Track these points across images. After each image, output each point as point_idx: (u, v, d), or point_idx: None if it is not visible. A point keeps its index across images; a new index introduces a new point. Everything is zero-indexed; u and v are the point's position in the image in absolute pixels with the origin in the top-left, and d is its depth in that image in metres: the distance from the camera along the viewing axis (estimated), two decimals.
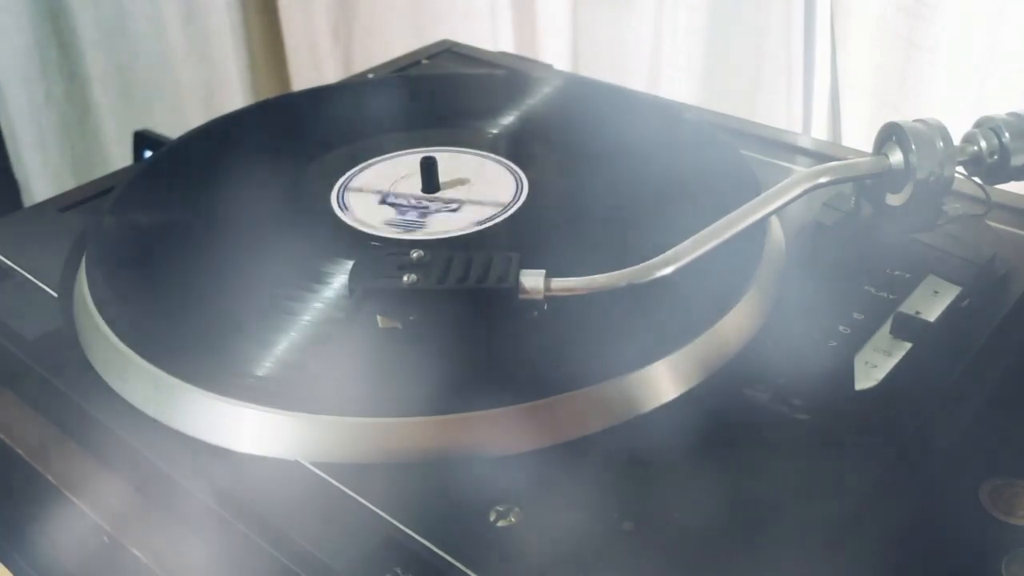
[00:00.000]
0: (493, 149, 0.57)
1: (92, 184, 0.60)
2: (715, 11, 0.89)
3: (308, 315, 0.43)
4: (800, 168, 0.58)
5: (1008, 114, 0.47)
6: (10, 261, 0.51)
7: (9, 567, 0.45)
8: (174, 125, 1.12)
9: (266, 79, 1.34)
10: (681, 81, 0.93)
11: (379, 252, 0.45)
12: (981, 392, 0.43)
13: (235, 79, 1.29)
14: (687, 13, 0.90)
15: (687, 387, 0.41)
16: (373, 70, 0.74)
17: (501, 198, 0.52)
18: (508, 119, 0.61)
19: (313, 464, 0.38)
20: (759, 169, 0.54)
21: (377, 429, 0.39)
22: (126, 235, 0.51)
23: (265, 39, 1.32)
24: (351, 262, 0.42)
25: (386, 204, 0.52)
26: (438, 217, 0.50)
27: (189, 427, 0.40)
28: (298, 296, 0.44)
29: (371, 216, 0.50)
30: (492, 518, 0.36)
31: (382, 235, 0.49)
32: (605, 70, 0.99)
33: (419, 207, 0.51)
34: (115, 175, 0.61)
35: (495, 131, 0.59)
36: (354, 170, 0.55)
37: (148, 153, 1.06)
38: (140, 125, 1.13)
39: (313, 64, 1.27)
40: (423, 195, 0.52)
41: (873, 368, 0.42)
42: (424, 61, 0.75)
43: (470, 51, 0.77)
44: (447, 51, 0.77)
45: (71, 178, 1.26)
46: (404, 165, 0.55)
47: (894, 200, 0.48)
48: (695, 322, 0.43)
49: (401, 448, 0.39)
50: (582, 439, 0.39)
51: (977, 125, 0.48)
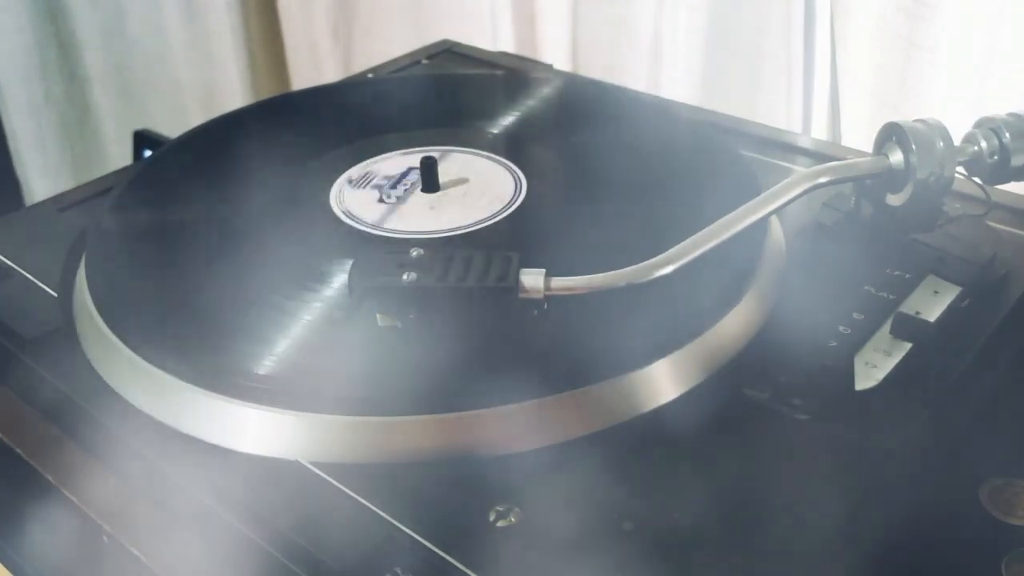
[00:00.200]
0: (493, 149, 0.57)
1: (92, 184, 0.60)
2: (715, 11, 0.89)
3: (308, 314, 0.43)
4: (800, 168, 0.58)
5: (1008, 114, 0.47)
6: (10, 261, 0.51)
7: (8, 567, 0.45)
8: (174, 125, 1.11)
9: (266, 79, 1.34)
10: (681, 81, 0.93)
11: (379, 251, 0.45)
12: (981, 392, 0.43)
13: (235, 79, 1.29)
14: (687, 13, 0.90)
15: (687, 387, 0.41)
16: (373, 70, 0.74)
17: (501, 197, 0.52)
18: (508, 119, 0.61)
19: (313, 464, 0.38)
20: (759, 169, 0.54)
21: (377, 429, 0.39)
22: (126, 235, 0.51)
23: (265, 39, 1.32)
24: (350, 261, 0.42)
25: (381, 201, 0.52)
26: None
27: (189, 427, 0.40)
28: (298, 295, 0.44)
29: (372, 215, 0.50)
30: (492, 518, 0.36)
31: (382, 234, 0.49)
32: (605, 70, 0.99)
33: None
34: (115, 175, 0.61)
35: (495, 131, 0.59)
36: (353, 169, 0.55)
37: (148, 153, 1.06)
38: (140, 125, 1.13)
39: (313, 64, 1.27)
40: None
41: (873, 368, 0.42)
42: (424, 61, 0.75)
43: (470, 51, 0.77)
44: (447, 51, 0.77)
45: (71, 178, 1.26)
46: (404, 165, 0.55)
47: (894, 200, 0.48)
48: (695, 322, 0.43)
49: (401, 448, 0.39)
50: (582, 439, 0.39)
51: (977, 125, 0.48)
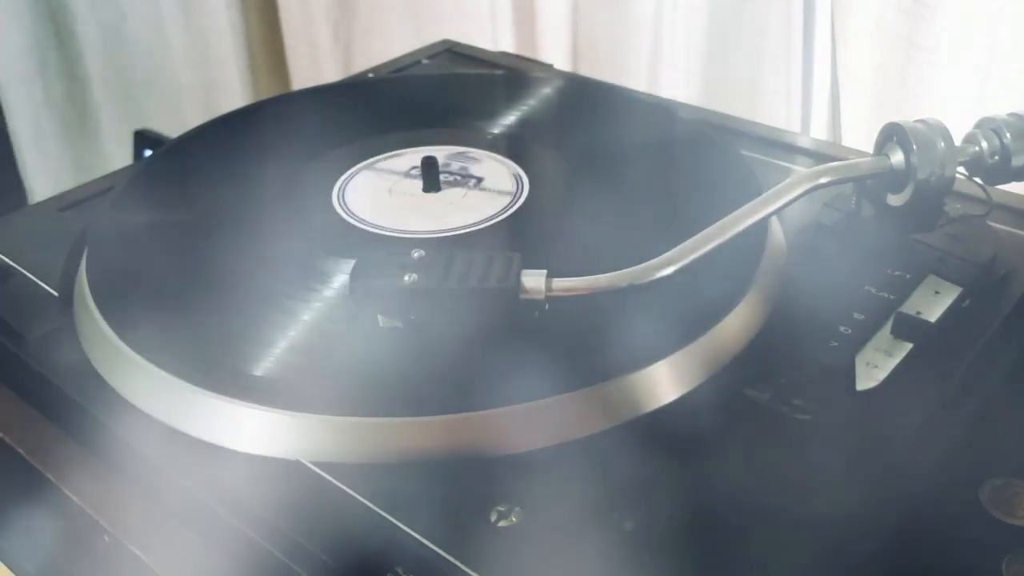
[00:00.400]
0: (493, 149, 0.57)
1: (92, 183, 0.59)
2: (715, 11, 0.89)
3: (309, 314, 0.43)
4: (801, 168, 0.58)
5: (1009, 115, 0.47)
6: (10, 260, 0.51)
7: (9, 566, 0.45)
8: (174, 124, 1.12)
9: (266, 79, 1.34)
10: (681, 81, 0.93)
11: (380, 251, 0.45)
12: (982, 392, 0.43)
13: (235, 78, 1.29)
14: (687, 13, 0.90)
15: (688, 387, 0.41)
16: (373, 70, 0.74)
17: (502, 197, 0.52)
18: (509, 119, 0.61)
19: (314, 463, 0.38)
20: (759, 169, 0.54)
21: (378, 429, 0.39)
22: (126, 234, 0.51)
23: (265, 39, 1.32)
24: (352, 261, 0.42)
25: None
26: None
27: (189, 426, 0.40)
28: (299, 295, 0.44)
29: (372, 215, 0.50)
30: (493, 518, 0.36)
31: (383, 234, 0.49)
32: (605, 70, 0.99)
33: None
34: (115, 174, 0.61)
35: (496, 131, 0.59)
36: (354, 169, 0.55)
37: (148, 152, 1.06)
38: (140, 124, 1.13)
39: (313, 64, 1.27)
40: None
41: (874, 368, 0.42)
42: (424, 61, 0.75)
43: (470, 51, 0.77)
44: (447, 51, 0.77)
45: (71, 177, 1.26)
46: (405, 164, 0.55)
47: (895, 200, 0.48)
48: (696, 322, 0.43)
49: (402, 448, 0.39)
50: (583, 439, 0.39)
51: (978, 126, 0.48)
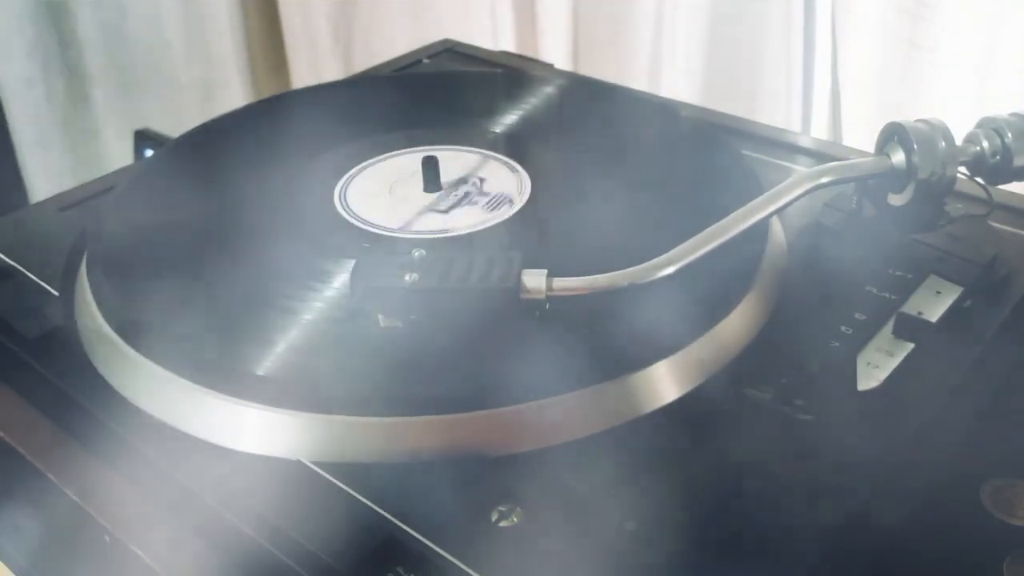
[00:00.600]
0: (495, 148, 0.57)
1: (93, 183, 0.59)
2: (715, 10, 0.89)
3: (310, 314, 0.43)
4: (801, 168, 0.58)
5: (1010, 114, 0.47)
6: (11, 260, 0.51)
7: (10, 566, 0.45)
8: (174, 124, 1.12)
9: (266, 78, 1.34)
10: (681, 81, 0.93)
11: (381, 251, 0.45)
12: (983, 392, 0.43)
13: (235, 78, 1.29)
14: (687, 13, 0.90)
15: (689, 387, 0.41)
16: (374, 69, 0.74)
17: (503, 197, 0.51)
18: (509, 118, 0.61)
19: (315, 463, 0.38)
20: (760, 169, 0.54)
21: (378, 429, 0.39)
22: (127, 234, 0.51)
23: (265, 38, 1.32)
24: (353, 261, 0.42)
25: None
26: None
27: (191, 426, 0.40)
28: (300, 295, 0.44)
29: (374, 215, 0.50)
30: (494, 518, 0.36)
31: (385, 234, 0.49)
32: (605, 69, 0.99)
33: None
34: (116, 174, 0.61)
35: (497, 130, 0.59)
36: (355, 169, 0.55)
37: (148, 152, 1.06)
38: (140, 124, 1.13)
39: (313, 63, 1.27)
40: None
41: (875, 368, 0.42)
42: (425, 60, 0.75)
43: (471, 50, 0.77)
44: (448, 50, 0.77)
45: (71, 177, 1.26)
46: (406, 164, 0.55)
47: (896, 200, 0.48)
48: (697, 322, 0.43)
49: (403, 448, 0.39)
50: (584, 439, 0.39)
51: (979, 125, 0.48)
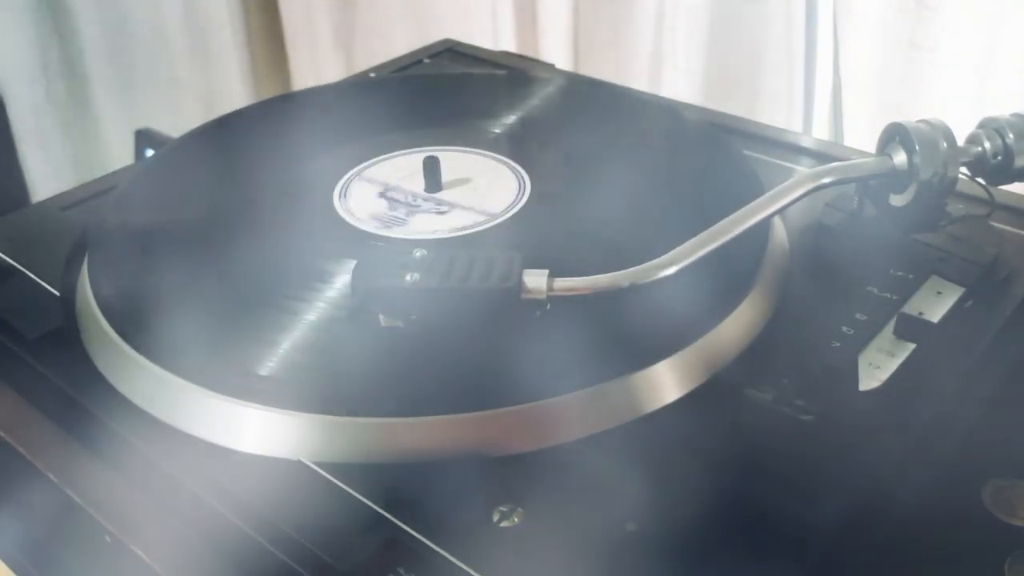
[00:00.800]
0: (495, 148, 0.57)
1: (94, 183, 0.59)
2: (716, 10, 0.89)
3: (311, 314, 0.43)
4: (803, 168, 0.58)
5: (1012, 115, 0.47)
6: (12, 260, 0.51)
7: (11, 566, 0.45)
8: (175, 124, 1.12)
9: (267, 78, 1.34)
10: (682, 81, 0.93)
11: (382, 251, 0.45)
12: (984, 393, 0.43)
13: (236, 78, 1.29)
14: (688, 13, 0.90)
15: (690, 388, 0.41)
16: (374, 69, 0.74)
17: (504, 197, 0.51)
18: (510, 118, 0.61)
19: (315, 464, 0.38)
20: (761, 169, 0.54)
21: (379, 429, 0.39)
22: (128, 234, 0.51)
23: (266, 38, 1.32)
24: (353, 261, 0.42)
25: (384, 198, 0.52)
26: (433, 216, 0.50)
27: (192, 426, 0.40)
28: (300, 295, 0.44)
29: (374, 215, 0.50)
30: (495, 518, 0.36)
31: (384, 234, 0.49)
32: (606, 70, 0.99)
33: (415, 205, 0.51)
34: (116, 174, 0.61)
35: (497, 131, 0.59)
36: (356, 169, 0.55)
37: (149, 152, 1.06)
38: (141, 124, 1.13)
39: (314, 63, 1.27)
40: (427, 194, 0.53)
41: (876, 369, 0.42)
42: (426, 60, 0.75)
43: (472, 51, 0.77)
44: (449, 51, 0.77)
45: (72, 177, 1.26)
46: (406, 164, 0.55)
47: (897, 201, 0.47)
48: (698, 322, 0.42)
49: (404, 448, 0.39)
50: (585, 439, 0.39)
51: (981, 126, 0.48)
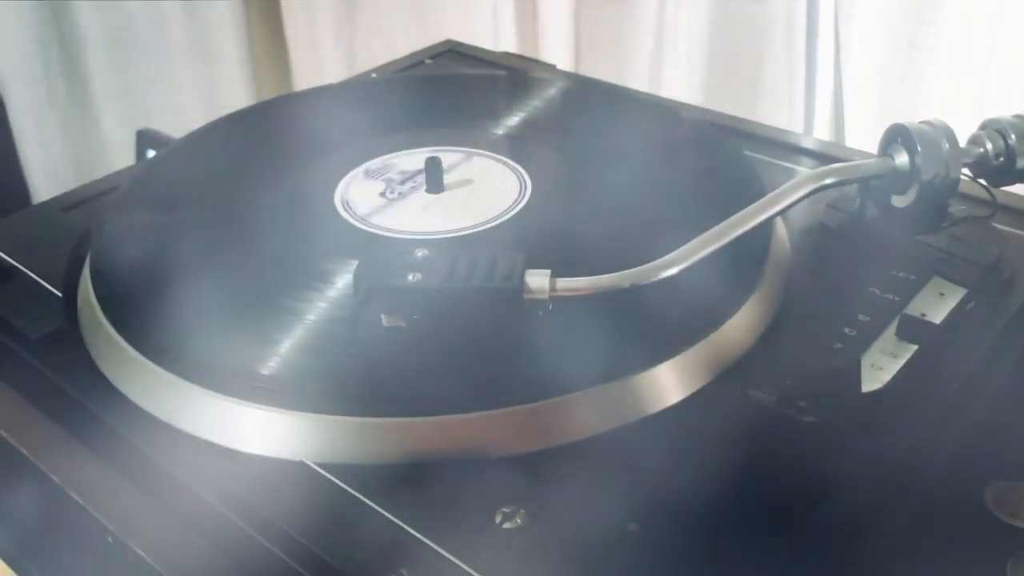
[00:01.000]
0: (496, 149, 0.57)
1: (95, 183, 0.59)
2: (717, 11, 0.89)
3: (313, 314, 0.43)
4: (805, 169, 0.58)
5: (1014, 116, 0.47)
6: (14, 260, 0.51)
7: (13, 567, 0.45)
8: (176, 125, 1.11)
9: (268, 79, 1.34)
10: (683, 82, 0.93)
11: (384, 251, 0.45)
12: (987, 394, 0.43)
13: (237, 79, 1.29)
14: (689, 14, 0.90)
15: (693, 389, 0.41)
16: (376, 70, 0.74)
17: (505, 198, 0.51)
18: (511, 119, 0.61)
19: (318, 465, 0.38)
20: (763, 170, 0.54)
21: (382, 430, 0.39)
22: (130, 234, 0.51)
23: (267, 39, 1.32)
24: (355, 261, 0.42)
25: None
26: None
27: (194, 427, 0.40)
28: (302, 295, 0.44)
29: (375, 215, 0.50)
30: (498, 520, 0.36)
31: (387, 235, 0.49)
32: (607, 70, 0.99)
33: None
34: (118, 174, 0.61)
35: (499, 131, 0.59)
36: (358, 170, 0.55)
37: (150, 152, 1.05)
38: (142, 124, 1.13)
39: (316, 64, 1.27)
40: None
41: (879, 370, 0.42)
42: (427, 61, 0.75)
43: (473, 51, 0.77)
44: (450, 51, 0.77)
45: (73, 177, 1.25)
46: (408, 165, 0.55)
47: (899, 202, 0.48)
48: (700, 324, 0.42)
49: (406, 449, 0.39)
50: (587, 440, 0.39)
51: (983, 127, 0.48)
